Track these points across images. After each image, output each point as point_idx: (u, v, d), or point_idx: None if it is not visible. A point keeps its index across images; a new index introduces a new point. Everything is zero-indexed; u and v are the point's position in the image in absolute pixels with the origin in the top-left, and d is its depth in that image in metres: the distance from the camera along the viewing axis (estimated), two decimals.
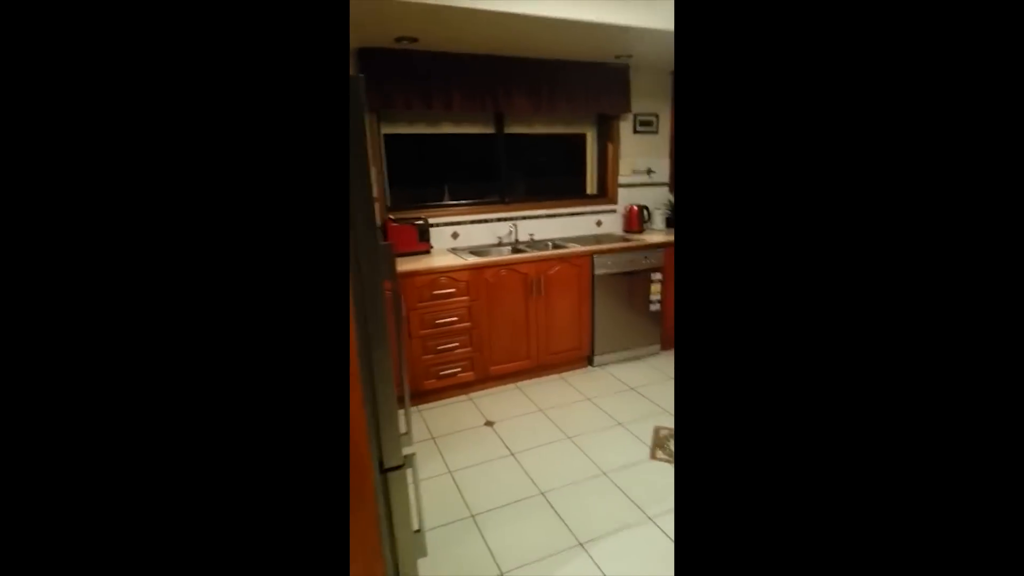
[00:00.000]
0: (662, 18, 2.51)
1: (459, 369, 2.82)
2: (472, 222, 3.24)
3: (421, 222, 2.97)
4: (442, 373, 2.78)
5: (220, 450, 0.58)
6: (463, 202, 3.30)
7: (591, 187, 3.74)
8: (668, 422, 2.54)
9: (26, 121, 0.50)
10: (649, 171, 3.71)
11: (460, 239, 3.23)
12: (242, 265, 0.59)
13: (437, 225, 3.15)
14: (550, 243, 3.36)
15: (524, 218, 3.38)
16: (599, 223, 3.63)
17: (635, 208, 3.56)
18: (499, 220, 3.31)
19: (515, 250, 3.21)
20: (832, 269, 0.56)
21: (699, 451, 0.62)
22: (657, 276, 3.27)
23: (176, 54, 0.55)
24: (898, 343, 0.54)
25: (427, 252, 3.01)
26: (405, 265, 2.65)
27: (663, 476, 2.09)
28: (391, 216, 2.99)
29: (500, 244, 3.28)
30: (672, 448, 2.31)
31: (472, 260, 2.75)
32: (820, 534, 0.57)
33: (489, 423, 2.58)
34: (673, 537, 1.76)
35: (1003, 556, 0.50)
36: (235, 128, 0.58)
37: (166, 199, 0.56)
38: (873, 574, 0.54)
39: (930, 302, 0.52)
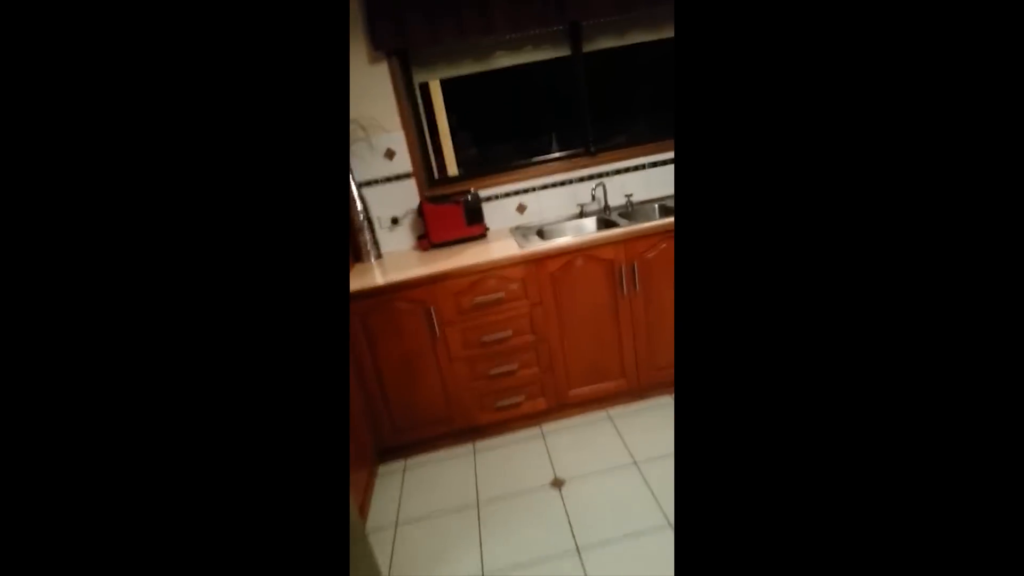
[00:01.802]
0: None
1: (523, 397, 2.10)
2: (544, 187, 2.39)
3: (469, 197, 2.22)
4: (499, 404, 2.09)
5: (220, 449, 0.56)
6: (534, 160, 2.43)
7: None
8: None
9: (24, 119, 0.51)
10: None
11: (528, 213, 2.41)
12: (239, 259, 0.56)
13: (495, 198, 2.37)
14: (656, 206, 2.35)
15: (618, 172, 2.40)
16: None
17: None
18: (582, 180, 2.39)
19: (603, 222, 2.29)
20: (839, 270, 0.54)
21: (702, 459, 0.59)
22: None
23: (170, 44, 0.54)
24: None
25: (482, 236, 2.27)
26: (437, 263, 1.96)
27: None
28: (427, 195, 2.29)
29: (582, 215, 2.38)
30: None
31: (529, 249, 1.94)
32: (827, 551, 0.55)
33: (558, 483, 1.84)
34: None
35: (1003, 556, 0.50)
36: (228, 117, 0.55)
37: (161, 194, 0.54)
38: None
39: (947, 316, 0.52)
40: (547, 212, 2.41)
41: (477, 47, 2.27)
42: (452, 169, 3.23)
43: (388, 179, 2.27)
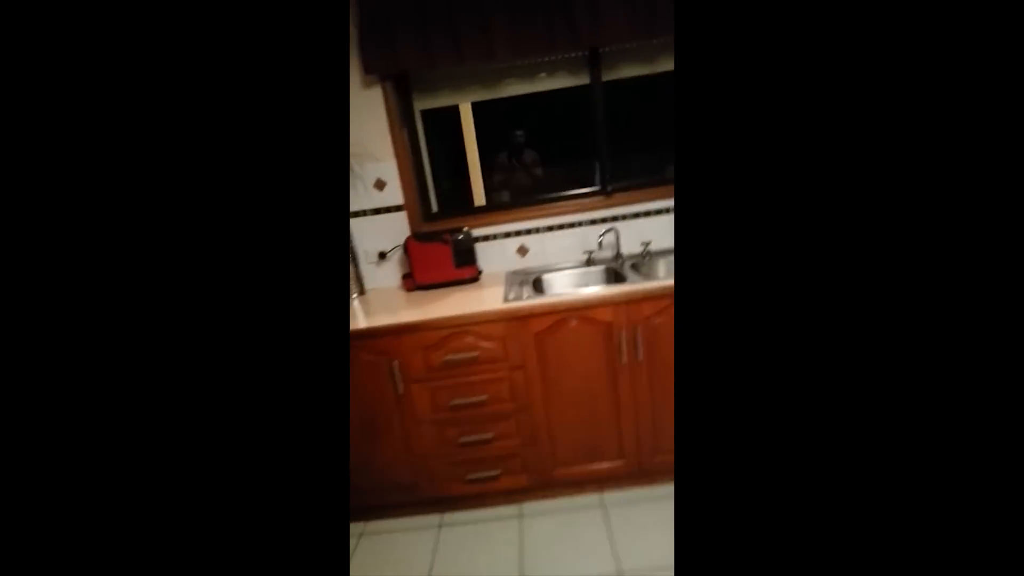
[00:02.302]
0: None
1: (500, 471, 1.81)
2: (550, 228, 2.13)
3: (461, 236, 1.99)
4: (472, 476, 1.82)
5: (221, 453, 0.55)
6: (541, 198, 2.18)
7: None
8: None
9: (23, 120, 0.51)
10: None
11: (530, 256, 2.15)
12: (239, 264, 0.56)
13: (495, 237, 2.13)
14: (673, 258, 2.03)
15: (636, 215, 2.10)
16: None
17: None
18: (594, 223, 2.11)
19: (612, 274, 1.99)
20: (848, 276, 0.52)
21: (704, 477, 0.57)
22: None
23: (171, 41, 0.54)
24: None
25: (473, 280, 2.03)
26: (415, 308, 1.73)
27: None
28: (418, 231, 2.08)
29: (589, 263, 2.09)
30: None
31: (512, 304, 1.68)
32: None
33: None
34: None
35: (1003, 556, 0.49)
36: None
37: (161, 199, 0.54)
38: None
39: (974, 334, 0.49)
40: (551, 257, 2.14)
41: (484, 73, 2.06)
42: (479, 199, 3.05)
43: (377, 211, 2.09)
